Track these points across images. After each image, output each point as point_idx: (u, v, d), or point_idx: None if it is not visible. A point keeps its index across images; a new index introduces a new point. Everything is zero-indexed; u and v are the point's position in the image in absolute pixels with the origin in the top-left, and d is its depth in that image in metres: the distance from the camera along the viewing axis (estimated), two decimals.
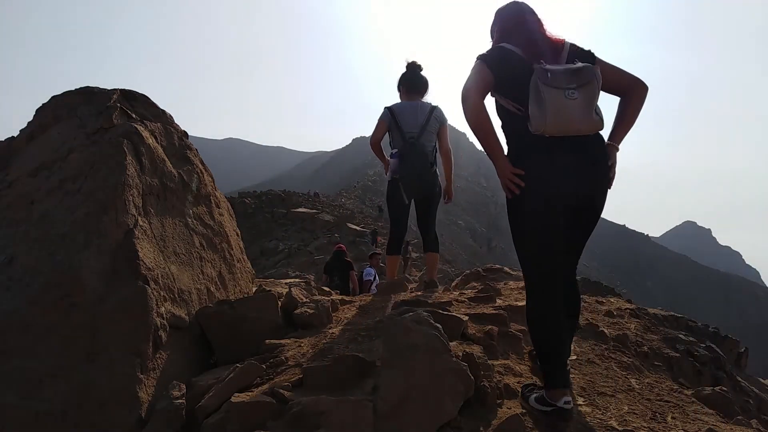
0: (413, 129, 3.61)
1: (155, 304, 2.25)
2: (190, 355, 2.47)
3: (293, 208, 26.68)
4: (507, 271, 4.80)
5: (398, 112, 3.67)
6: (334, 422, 1.72)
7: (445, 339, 1.94)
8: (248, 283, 3.44)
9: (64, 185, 2.45)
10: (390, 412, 1.75)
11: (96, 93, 2.80)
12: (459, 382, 1.85)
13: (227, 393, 2.03)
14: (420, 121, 3.62)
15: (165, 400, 2.03)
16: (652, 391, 2.37)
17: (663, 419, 2.06)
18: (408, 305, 2.80)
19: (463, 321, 2.55)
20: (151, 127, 2.83)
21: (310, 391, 1.97)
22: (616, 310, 3.48)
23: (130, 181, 2.43)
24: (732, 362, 3.47)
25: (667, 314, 3.72)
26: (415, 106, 3.70)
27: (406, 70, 3.88)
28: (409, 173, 3.51)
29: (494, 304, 3.12)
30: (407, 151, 3.54)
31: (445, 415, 1.78)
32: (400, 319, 2.01)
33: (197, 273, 2.73)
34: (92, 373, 2.02)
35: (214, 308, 2.60)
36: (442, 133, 3.76)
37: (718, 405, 2.41)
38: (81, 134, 2.62)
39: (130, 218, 2.36)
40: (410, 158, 3.51)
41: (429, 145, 3.64)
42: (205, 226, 2.99)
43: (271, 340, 2.55)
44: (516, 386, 2.15)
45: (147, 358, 2.14)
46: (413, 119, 3.64)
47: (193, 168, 3.04)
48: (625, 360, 2.68)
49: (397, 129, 3.64)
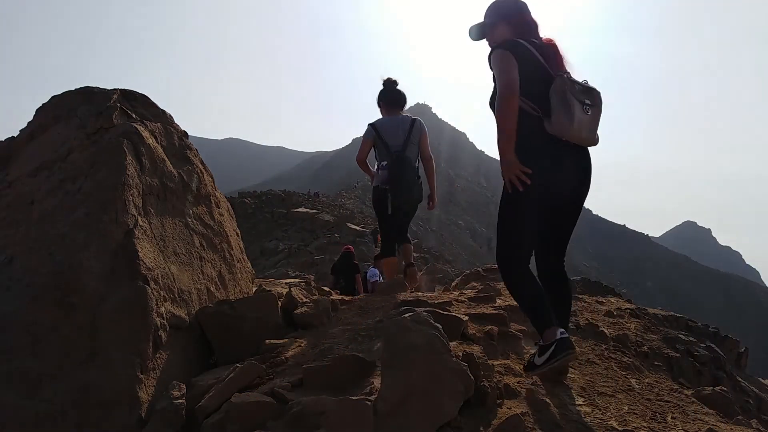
0: (398, 142, 3.83)
1: (155, 304, 2.25)
2: (190, 355, 2.47)
3: (293, 208, 26.67)
4: None
5: (382, 128, 3.89)
6: (334, 422, 1.72)
7: (445, 339, 1.94)
8: (248, 283, 3.44)
9: (64, 185, 2.45)
10: (390, 412, 1.75)
11: (96, 93, 2.80)
12: (459, 382, 1.85)
13: (227, 393, 2.03)
14: (403, 135, 3.85)
15: (165, 400, 2.03)
16: (652, 391, 2.37)
17: (663, 419, 2.06)
18: (408, 305, 2.80)
19: (463, 321, 2.55)
20: (151, 127, 2.83)
21: (310, 391, 1.97)
22: (616, 310, 3.48)
23: (130, 181, 2.43)
24: (732, 362, 3.48)
25: (667, 314, 3.72)
26: (397, 121, 3.92)
27: (384, 87, 4.12)
28: (398, 185, 3.75)
29: (494, 304, 3.12)
30: (395, 163, 3.75)
31: (445, 415, 1.78)
32: (400, 319, 2.01)
33: (197, 273, 2.73)
34: (92, 373, 2.02)
35: (214, 308, 2.60)
36: (423, 141, 3.98)
37: (718, 405, 2.41)
38: (81, 134, 2.62)
39: (130, 218, 2.36)
40: (399, 170, 3.74)
41: (414, 156, 3.89)
42: (205, 226, 2.99)
43: (271, 340, 2.55)
44: (516, 386, 2.15)
45: (147, 358, 2.14)
46: (396, 133, 3.86)
47: (193, 168, 3.04)
48: (625, 360, 2.68)
49: (382, 144, 3.85)
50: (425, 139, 3.98)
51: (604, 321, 3.23)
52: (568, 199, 2.19)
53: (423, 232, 47.31)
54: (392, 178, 3.74)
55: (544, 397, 2.10)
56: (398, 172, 3.72)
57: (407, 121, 3.91)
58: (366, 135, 3.95)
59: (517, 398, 2.07)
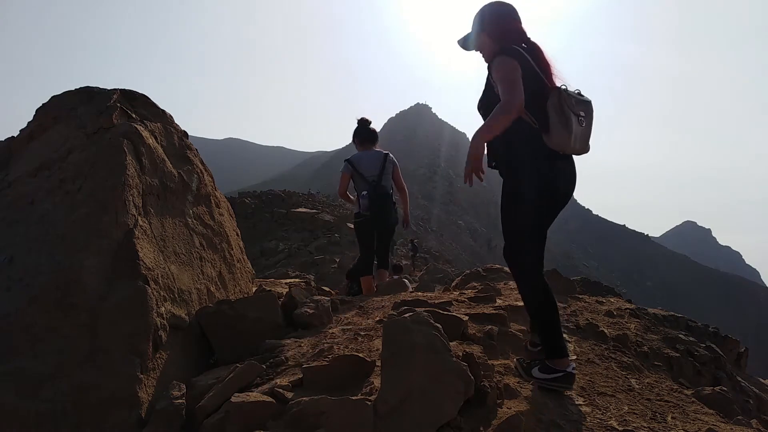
0: (374, 173, 4.39)
1: (155, 304, 2.25)
2: (190, 355, 2.47)
3: (293, 208, 26.66)
4: (507, 271, 4.80)
5: (357, 162, 4.45)
6: (334, 422, 1.72)
7: (445, 339, 1.94)
8: (248, 283, 3.44)
9: (64, 185, 2.45)
10: (390, 412, 1.75)
11: (96, 93, 2.80)
12: (459, 382, 1.85)
13: (227, 393, 2.03)
14: (379, 167, 4.41)
15: (165, 400, 2.03)
16: (652, 391, 2.37)
17: (663, 419, 2.06)
18: (408, 305, 2.80)
19: (463, 321, 2.55)
20: (151, 127, 2.83)
21: (310, 391, 1.97)
22: (616, 310, 3.48)
23: (130, 181, 2.43)
24: (732, 362, 3.47)
25: (667, 314, 3.72)
26: (371, 155, 4.49)
27: (358, 126, 4.66)
28: (377, 210, 4.33)
29: (494, 304, 3.12)
30: (372, 192, 4.33)
31: (445, 415, 1.78)
32: (400, 319, 2.01)
33: (197, 273, 2.73)
34: (92, 373, 2.02)
35: (214, 308, 2.60)
36: (396, 173, 4.59)
37: (718, 405, 2.41)
38: (81, 134, 2.62)
39: (130, 218, 2.36)
40: (376, 198, 4.33)
41: (388, 185, 4.47)
42: (205, 226, 2.99)
43: (271, 340, 2.55)
44: (516, 386, 2.15)
45: (147, 358, 2.14)
46: (371, 165, 4.42)
47: (193, 168, 3.04)
48: (625, 360, 2.68)
49: (359, 176, 4.42)
50: (398, 172, 4.60)
51: (604, 321, 3.23)
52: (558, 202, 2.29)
53: (423, 232, 47.29)
54: (372, 204, 4.32)
55: (544, 397, 2.10)
56: (377, 199, 4.32)
57: (380, 156, 4.48)
58: (344, 169, 4.49)
59: (517, 398, 2.07)
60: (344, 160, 4.55)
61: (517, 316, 2.93)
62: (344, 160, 4.55)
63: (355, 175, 4.44)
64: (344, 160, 4.55)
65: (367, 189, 4.35)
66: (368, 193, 4.33)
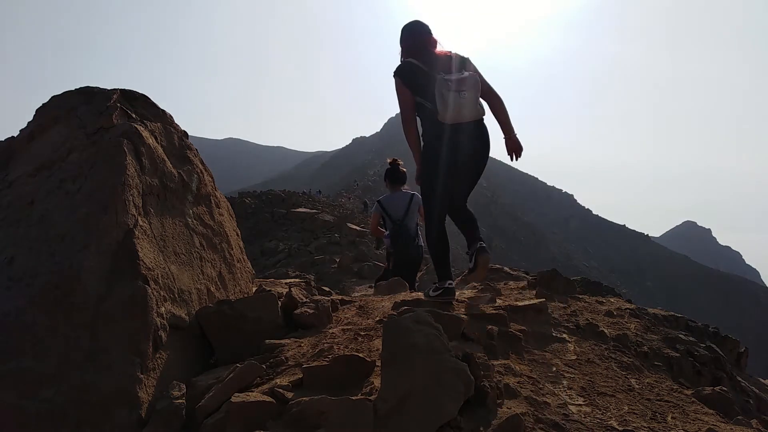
0: (399, 215, 4.99)
1: (155, 304, 2.25)
2: (190, 355, 2.47)
3: (293, 208, 26.64)
4: (507, 271, 4.80)
5: (386, 204, 5.09)
6: (334, 422, 1.72)
7: (445, 339, 1.94)
8: (248, 283, 3.43)
9: (64, 185, 2.45)
10: (390, 412, 1.75)
11: (96, 93, 2.80)
12: (459, 382, 1.85)
13: (227, 393, 2.03)
14: (403, 208, 4.99)
15: (165, 400, 2.03)
16: (652, 391, 2.37)
17: (663, 419, 2.06)
18: (408, 305, 2.80)
19: (463, 321, 2.55)
20: (151, 127, 2.83)
21: (310, 391, 1.97)
22: (616, 310, 3.48)
23: (130, 181, 2.43)
24: (732, 362, 3.47)
25: (667, 314, 3.71)
26: (399, 197, 5.07)
27: (390, 167, 5.20)
28: (399, 249, 5.00)
29: (494, 304, 3.12)
30: (396, 232, 4.98)
31: (445, 415, 1.78)
32: (400, 319, 2.01)
33: (197, 273, 2.73)
34: (92, 373, 2.02)
35: (214, 308, 2.60)
36: (421, 210, 4.87)
37: (718, 405, 2.41)
38: (81, 134, 2.62)
39: (130, 218, 2.36)
40: (399, 238, 4.98)
41: (413, 224, 5.03)
42: (205, 226, 2.99)
43: (271, 340, 2.55)
44: (516, 386, 2.15)
45: (147, 358, 2.14)
46: (398, 207, 5.02)
47: (193, 168, 3.04)
48: (625, 360, 2.68)
49: (387, 217, 5.08)
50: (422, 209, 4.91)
51: (604, 321, 3.22)
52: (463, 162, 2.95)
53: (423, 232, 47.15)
54: (393, 242, 5.01)
55: (544, 397, 2.10)
56: (399, 239, 4.97)
57: (407, 196, 5.05)
58: (375, 209, 5.21)
59: (517, 398, 2.07)
60: (376, 200, 5.27)
61: (518, 316, 2.93)
62: (376, 200, 5.27)
63: (385, 216, 5.11)
64: (376, 200, 5.27)
65: (391, 229, 5.02)
66: (391, 233, 5.03)
